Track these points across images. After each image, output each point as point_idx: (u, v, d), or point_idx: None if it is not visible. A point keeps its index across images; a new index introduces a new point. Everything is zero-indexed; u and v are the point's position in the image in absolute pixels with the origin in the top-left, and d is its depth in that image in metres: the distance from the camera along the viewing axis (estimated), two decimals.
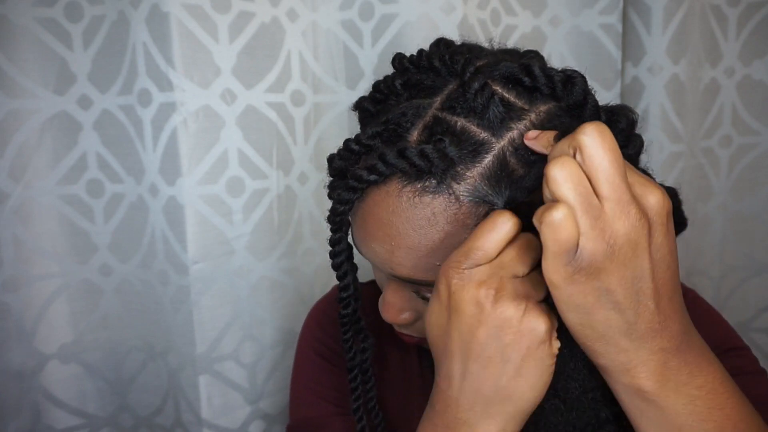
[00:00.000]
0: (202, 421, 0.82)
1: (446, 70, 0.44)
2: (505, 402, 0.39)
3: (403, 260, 0.43)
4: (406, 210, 0.42)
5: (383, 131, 0.44)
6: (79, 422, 0.87)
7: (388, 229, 0.43)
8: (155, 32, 0.74)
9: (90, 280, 0.85)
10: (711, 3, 0.93)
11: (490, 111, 0.41)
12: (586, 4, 0.89)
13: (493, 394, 0.39)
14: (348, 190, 0.44)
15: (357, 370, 0.55)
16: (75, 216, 0.83)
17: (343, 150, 0.46)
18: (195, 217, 0.77)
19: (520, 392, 0.39)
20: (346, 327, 0.54)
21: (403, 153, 0.41)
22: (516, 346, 0.38)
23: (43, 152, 0.80)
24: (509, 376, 0.38)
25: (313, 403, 0.63)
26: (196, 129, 0.76)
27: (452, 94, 0.43)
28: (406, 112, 0.43)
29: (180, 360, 0.82)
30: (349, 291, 0.52)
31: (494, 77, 0.43)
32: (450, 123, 0.42)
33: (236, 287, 0.82)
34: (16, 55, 0.77)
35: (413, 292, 0.48)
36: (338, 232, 0.48)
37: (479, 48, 0.48)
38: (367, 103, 0.48)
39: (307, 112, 0.85)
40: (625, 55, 0.91)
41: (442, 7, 0.79)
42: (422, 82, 0.45)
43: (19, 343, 0.81)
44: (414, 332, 0.51)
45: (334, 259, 0.50)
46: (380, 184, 0.43)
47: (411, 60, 0.47)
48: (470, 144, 0.41)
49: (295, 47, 0.82)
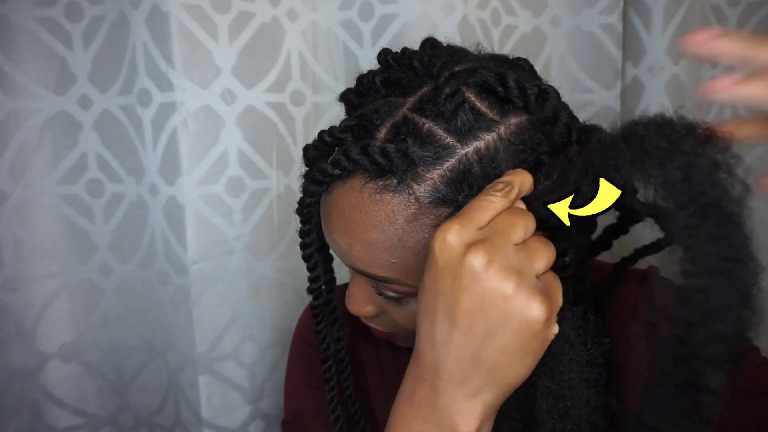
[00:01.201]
0: (202, 421, 0.82)
1: (424, 71, 0.45)
2: (485, 375, 0.37)
3: (360, 254, 0.44)
4: (367, 206, 0.43)
5: (355, 126, 0.45)
6: (79, 422, 0.87)
7: (349, 222, 0.44)
8: (155, 32, 0.74)
9: (90, 280, 0.85)
10: (711, 3, 0.93)
11: (459, 118, 0.41)
12: (586, 4, 0.89)
13: (473, 365, 0.37)
14: (314, 182, 0.45)
15: (331, 360, 0.56)
16: (75, 216, 0.83)
17: (318, 141, 0.47)
18: (195, 217, 0.77)
19: (502, 369, 0.37)
20: (318, 318, 0.55)
21: (365, 150, 0.42)
22: (502, 325, 0.35)
23: (43, 152, 0.80)
24: (491, 350, 0.36)
25: (305, 395, 0.63)
26: (196, 129, 0.76)
27: (425, 96, 0.43)
28: (379, 109, 0.44)
29: (180, 360, 0.82)
30: (319, 282, 0.53)
31: (469, 84, 0.43)
32: (417, 124, 0.42)
33: (236, 287, 0.82)
34: (16, 55, 0.77)
35: (374, 288, 0.49)
36: (307, 223, 0.49)
37: (464, 52, 0.48)
38: (352, 95, 0.49)
39: (307, 112, 0.85)
40: (625, 55, 0.91)
41: (442, 7, 0.79)
42: (400, 81, 0.45)
43: (20, 343, 0.81)
44: (379, 326, 0.52)
45: (303, 251, 0.51)
46: (345, 179, 0.44)
47: (395, 57, 0.47)
48: (434, 147, 0.41)
49: (295, 47, 0.82)
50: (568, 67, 0.91)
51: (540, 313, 0.35)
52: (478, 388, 0.37)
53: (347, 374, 0.57)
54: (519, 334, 0.35)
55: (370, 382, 0.63)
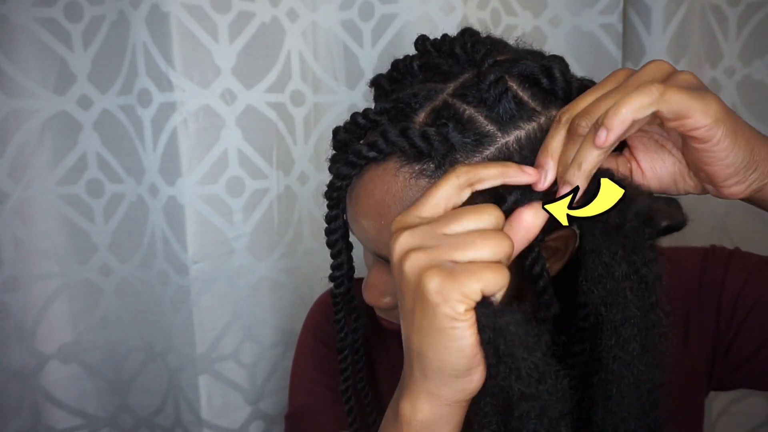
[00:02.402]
0: (202, 422, 0.82)
1: (466, 58, 0.44)
2: (416, 361, 0.38)
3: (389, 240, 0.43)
4: (401, 191, 0.42)
5: (391, 109, 0.44)
6: (79, 422, 0.87)
7: (380, 207, 0.43)
8: (155, 32, 0.74)
9: (90, 280, 0.85)
10: (711, 3, 0.93)
11: (501, 105, 0.41)
12: (586, 4, 0.89)
13: (409, 351, 0.38)
14: (347, 165, 0.44)
15: (348, 350, 0.55)
16: (75, 216, 0.83)
17: (350, 123, 0.45)
18: (195, 217, 0.77)
19: (425, 352, 0.37)
20: (338, 306, 0.53)
21: (405, 132, 0.41)
22: (411, 302, 0.36)
23: (43, 152, 0.80)
24: (413, 331, 0.37)
25: (311, 390, 0.63)
26: (196, 129, 0.76)
27: (467, 82, 0.43)
28: (418, 93, 0.43)
29: (180, 360, 0.82)
30: (343, 270, 0.51)
31: (512, 73, 0.42)
32: (458, 110, 0.41)
33: (236, 287, 0.82)
34: (16, 55, 0.77)
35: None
36: (335, 208, 0.48)
37: (504, 44, 0.48)
38: (384, 80, 0.47)
39: (307, 112, 0.85)
40: (625, 55, 0.91)
41: (442, 7, 0.79)
42: (440, 67, 0.45)
43: (19, 343, 0.81)
44: (393, 318, 0.51)
45: (329, 236, 0.50)
46: (379, 162, 0.43)
47: (433, 43, 0.46)
48: (474, 134, 0.41)
49: (295, 47, 0.82)
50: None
51: (433, 284, 0.34)
52: (417, 378, 0.38)
53: (361, 365, 0.57)
54: (422, 309, 0.35)
55: (379, 375, 0.63)
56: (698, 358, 0.55)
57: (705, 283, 0.54)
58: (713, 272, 0.54)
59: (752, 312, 0.52)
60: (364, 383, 0.57)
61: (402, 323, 0.38)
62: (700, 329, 0.55)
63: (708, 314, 0.54)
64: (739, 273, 0.53)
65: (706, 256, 0.56)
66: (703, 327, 0.54)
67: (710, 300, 0.54)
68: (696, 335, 0.55)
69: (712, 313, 0.54)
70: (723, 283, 0.53)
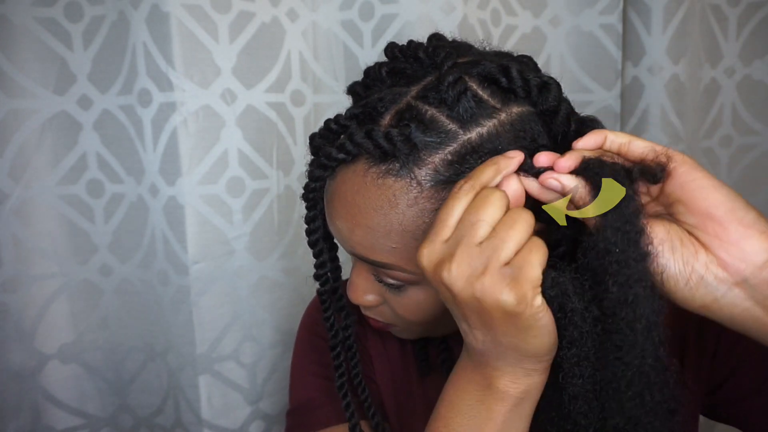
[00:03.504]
0: (202, 422, 0.82)
1: (429, 62, 0.46)
2: (511, 352, 0.40)
3: (361, 239, 0.45)
4: (369, 190, 0.44)
5: (360, 113, 0.46)
6: (79, 422, 0.87)
7: (351, 207, 0.45)
8: (155, 32, 0.74)
9: (90, 280, 0.85)
10: (711, 3, 0.93)
11: (461, 104, 0.43)
12: (586, 4, 0.89)
13: (499, 347, 0.40)
14: (319, 167, 0.46)
15: (339, 347, 0.56)
16: (75, 216, 0.83)
17: (323, 129, 0.48)
18: (195, 217, 0.77)
19: (519, 346, 0.40)
20: (326, 304, 0.55)
21: (369, 134, 0.43)
22: (491, 318, 0.38)
23: (43, 152, 0.80)
24: (501, 336, 0.39)
25: (312, 384, 0.63)
26: (196, 129, 0.76)
27: (428, 84, 0.45)
28: (384, 97, 0.45)
29: (180, 360, 0.82)
30: (326, 268, 0.54)
31: (471, 74, 0.44)
32: (421, 111, 0.43)
33: (236, 287, 0.82)
34: (16, 55, 0.77)
35: (374, 276, 0.49)
36: (313, 209, 0.51)
37: (468, 46, 0.50)
38: (358, 87, 0.50)
39: (307, 112, 0.85)
40: (625, 55, 0.91)
41: (442, 7, 0.79)
42: (405, 71, 0.47)
43: (19, 344, 0.81)
44: (378, 316, 0.53)
45: (309, 237, 0.52)
46: (349, 164, 0.45)
47: (401, 49, 0.48)
48: (437, 133, 0.43)
49: (295, 47, 0.82)
50: (568, 67, 0.91)
51: (510, 299, 0.37)
52: (514, 360, 0.41)
53: (356, 362, 0.57)
54: (506, 320, 0.38)
55: (377, 371, 0.63)
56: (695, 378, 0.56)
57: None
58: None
59: (720, 341, 0.54)
60: (360, 378, 0.58)
61: (473, 335, 0.41)
62: (699, 351, 0.55)
63: (708, 335, 0.55)
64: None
65: None
66: (703, 349, 0.55)
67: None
68: (693, 358, 0.55)
69: (712, 333, 0.54)
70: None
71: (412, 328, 0.54)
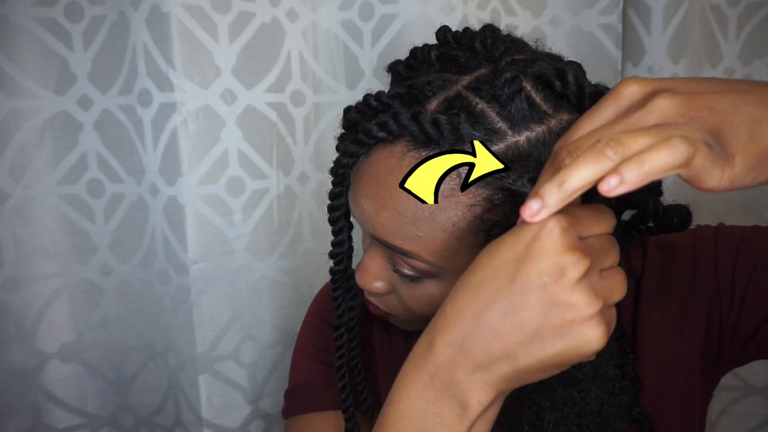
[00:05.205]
0: (203, 421, 0.82)
1: (484, 53, 0.44)
2: (510, 369, 0.35)
3: (386, 222, 0.44)
4: (405, 174, 0.42)
5: (405, 94, 0.44)
6: (80, 422, 0.87)
7: (382, 188, 0.43)
8: (155, 32, 0.74)
9: (90, 279, 0.85)
10: (711, 3, 0.93)
11: (514, 104, 0.41)
12: (586, 4, 0.89)
13: (503, 356, 0.35)
14: (356, 143, 0.44)
15: (343, 328, 0.55)
16: (75, 216, 0.83)
17: (362, 104, 0.46)
18: (195, 217, 0.77)
19: (531, 372, 0.35)
20: (336, 284, 0.54)
21: (416, 116, 0.41)
22: (556, 336, 0.33)
23: (44, 152, 0.80)
24: (529, 353, 0.34)
25: (311, 367, 0.63)
26: (196, 129, 0.76)
27: (482, 77, 0.43)
28: (433, 81, 0.44)
29: (180, 360, 0.82)
30: (343, 247, 0.52)
31: (527, 73, 0.43)
32: (471, 103, 0.42)
33: (236, 287, 0.82)
34: (16, 55, 0.77)
35: (389, 263, 0.48)
36: (339, 185, 0.48)
37: (523, 43, 0.48)
38: (401, 66, 0.48)
39: (307, 112, 0.85)
40: (625, 55, 0.91)
41: (442, 7, 0.79)
42: (457, 59, 0.45)
43: (20, 343, 0.81)
44: (382, 304, 0.51)
45: (331, 213, 0.50)
46: (387, 144, 0.43)
47: (454, 35, 0.47)
48: (485, 128, 0.41)
49: (295, 47, 0.82)
50: None
51: (599, 346, 0.33)
52: (500, 377, 0.35)
53: (355, 344, 0.57)
54: (564, 352, 0.34)
55: (378, 363, 0.63)
56: (692, 351, 0.55)
57: (698, 267, 0.53)
58: (704, 254, 0.53)
59: (751, 283, 0.51)
60: (357, 361, 0.57)
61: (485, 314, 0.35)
62: (696, 316, 0.54)
63: (703, 297, 0.53)
64: (730, 247, 0.52)
65: (695, 238, 0.55)
66: (698, 313, 0.53)
67: (706, 282, 0.53)
68: (692, 322, 0.54)
69: (709, 295, 0.53)
70: (716, 262, 0.52)
71: (415, 321, 0.52)
